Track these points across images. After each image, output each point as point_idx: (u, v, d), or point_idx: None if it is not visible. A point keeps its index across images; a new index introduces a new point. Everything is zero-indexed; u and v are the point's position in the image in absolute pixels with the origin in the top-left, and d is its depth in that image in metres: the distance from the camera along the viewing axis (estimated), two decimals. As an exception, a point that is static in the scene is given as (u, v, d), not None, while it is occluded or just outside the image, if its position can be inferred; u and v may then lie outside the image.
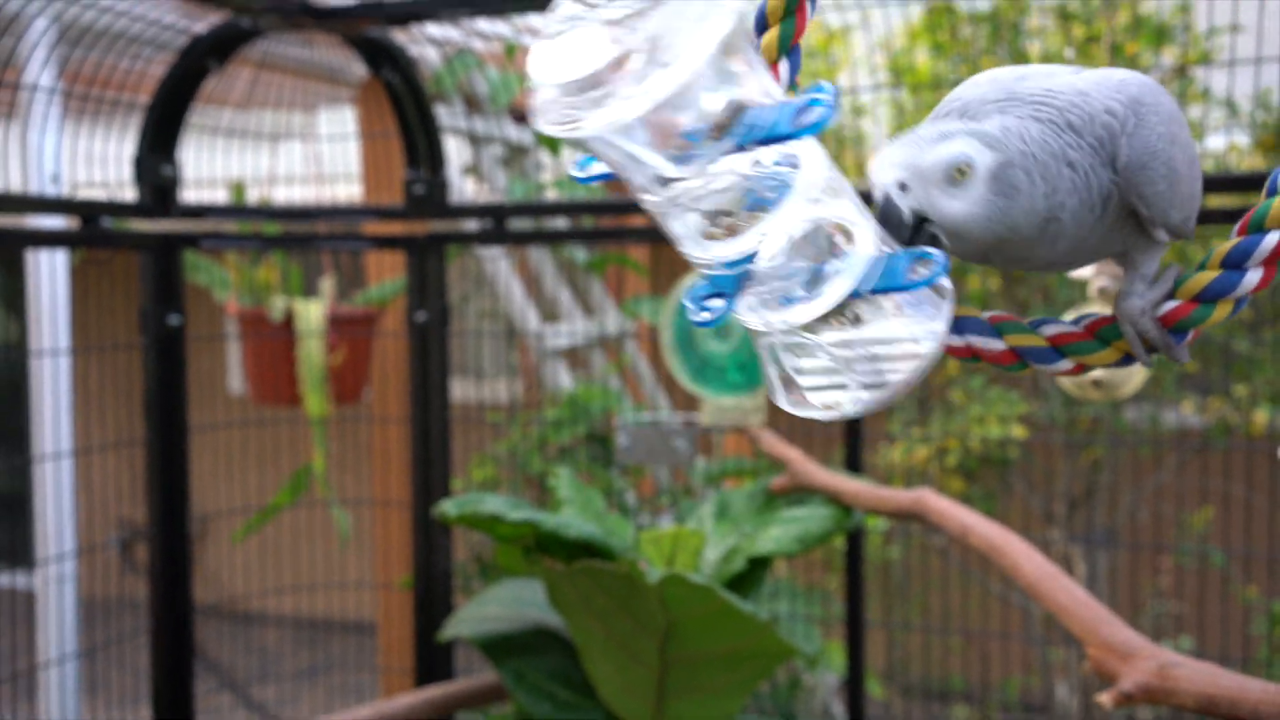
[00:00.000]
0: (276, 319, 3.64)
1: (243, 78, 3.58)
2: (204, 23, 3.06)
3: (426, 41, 3.63)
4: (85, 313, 3.68)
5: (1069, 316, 1.23)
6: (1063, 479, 4.75)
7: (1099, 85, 1.13)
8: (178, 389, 3.15)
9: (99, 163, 3.14)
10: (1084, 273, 2.56)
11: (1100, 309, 2.79)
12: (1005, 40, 3.94)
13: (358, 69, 3.68)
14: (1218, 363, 4.57)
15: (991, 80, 1.18)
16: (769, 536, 2.78)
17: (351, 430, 5.19)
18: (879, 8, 3.06)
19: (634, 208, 3.10)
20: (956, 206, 1.04)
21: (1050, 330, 1.19)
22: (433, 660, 3.52)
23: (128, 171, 3.11)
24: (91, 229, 2.97)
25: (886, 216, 1.03)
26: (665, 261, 4.81)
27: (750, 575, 2.76)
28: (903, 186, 1.03)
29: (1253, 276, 1.09)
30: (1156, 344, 1.14)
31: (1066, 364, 1.18)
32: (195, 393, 3.26)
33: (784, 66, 1.18)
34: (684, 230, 0.96)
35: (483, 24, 3.43)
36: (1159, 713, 5.05)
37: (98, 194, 3.14)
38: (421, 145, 3.46)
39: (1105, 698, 1.90)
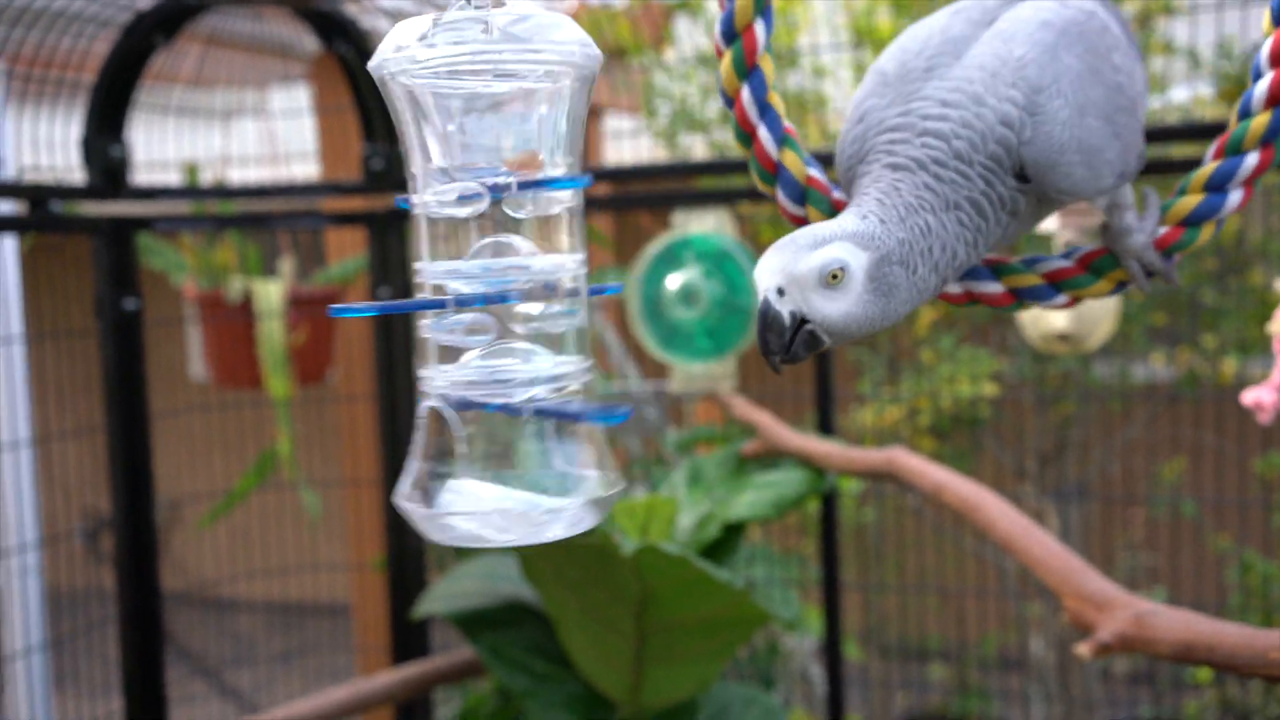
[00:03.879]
0: (235, 301, 3.57)
1: (192, 54, 3.50)
2: (148, -3, 2.98)
3: (379, 13, 3.56)
4: (38, 299, 3.60)
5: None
6: (1034, 435, 4.77)
7: (998, 75, 1.13)
8: (137, 375, 3.09)
9: (45, 146, 3.06)
10: (1048, 225, 2.54)
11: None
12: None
13: (310, 43, 3.60)
14: (1185, 314, 4.60)
15: (900, 74, 1.19)
16: (743, 502, 2.76)
17: (317, 411, 5.14)
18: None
19: (597, 175, 3.06)
20: (834, 308, 1.07)
21: (1045, 267, 1.22)
22: (409, 638, 3.49)
23: (75, 155, 3.03)
24: (40, 213, 2.89)
25: (766, 321, 1.07)
26: (629, 231, 4.77)
27: (725, 541, 2.75)
28: (780, 291, 1.06)
29: (1234, 197, 1.13)
30: (1158, 270, 1.17)
31: (1062, 299, 1.21)
32: (157, 379, 3.20)
33: (759, 27, 1.18)
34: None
35: (435, -8, 3.36)
36: (1135, 663, 5.10)
37: (45, 178, 3.06)
38: (378, 119, 3.39)
39: (1083, 648, 1.90)
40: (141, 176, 3.40)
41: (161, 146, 3.59)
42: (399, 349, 3.45)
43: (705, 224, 3.10)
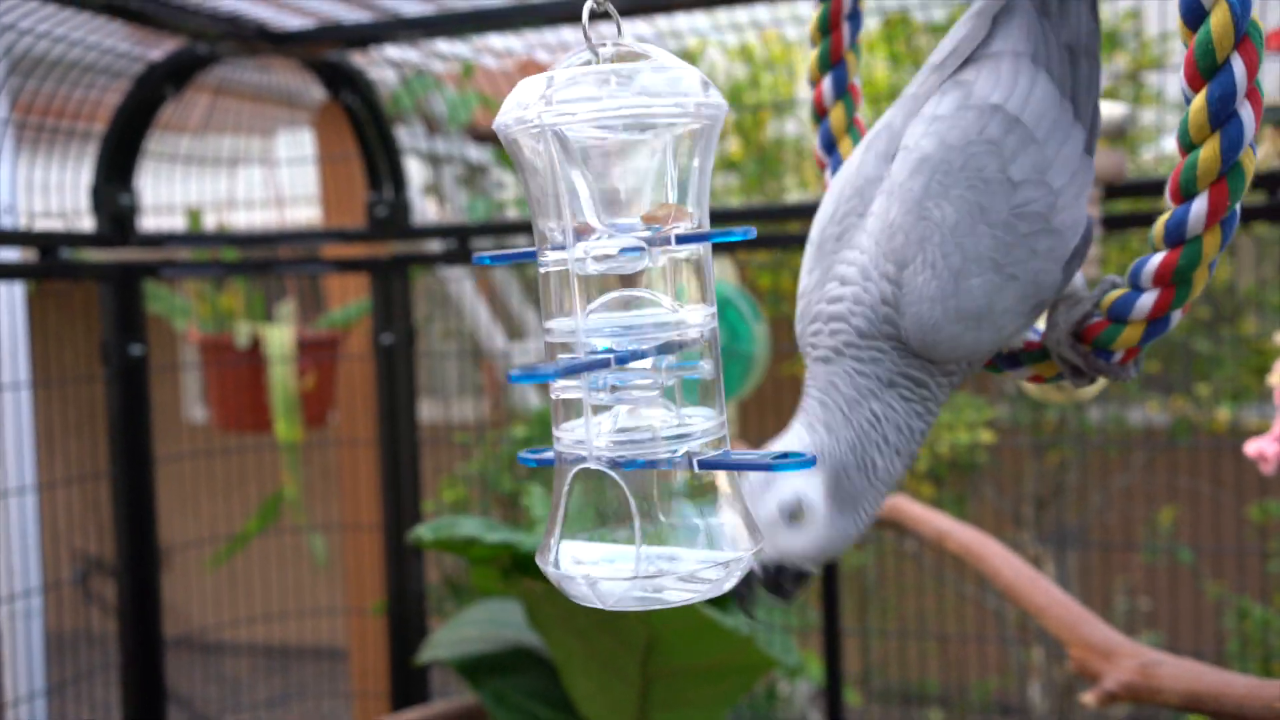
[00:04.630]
0: (242, 345, 3.60)
1: (200, 104, 3.54)
2: (160, 50, 3.03)
3: (385, 63, 3.61)
4: (44, 345, 3.62)
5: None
6: (1030, 481, 4.80)
7: (879, 243, 1.08)
8: (142, 420, 3.10)
9: (55, 192, 3.09)
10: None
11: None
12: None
13: (315, 92, 3.65)
14: (1180, 362, 4.64)
15: (819, 245, 1.16)
16: (746, 549, 2.77)
17: (318, 454, 5.14)
18: (838, 20, 3.08)
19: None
20: (801, 540, 1.05)
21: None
22: (409, 684, 3.48)
23: (84, 201, 3.06)
24: (49, 260, 2.92)
25: (740, 583, 0.99)
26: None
27: (729, 588, 2.76)
28: None
29: (1147, 299, 1.04)
30: (1083, 368, 1.10)
31: (1026, 371, 1.20)
32: (153, 422, 3.21)
33: (827, 82, 1.31)
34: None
35: (441, 45, 3.42)
36: (1133, 708, 5.10)
37: (54, 224, 3.09)
38: (383, 167, 3.44)
39: (1089, 697, 1.92)
40: (148, 221, 3.43)
41: (169, 191, 3.62)
42: (401, 393, 3.48)
43: (708, 272, 3.13)
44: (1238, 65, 0.92)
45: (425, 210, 4.47)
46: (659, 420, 0.90)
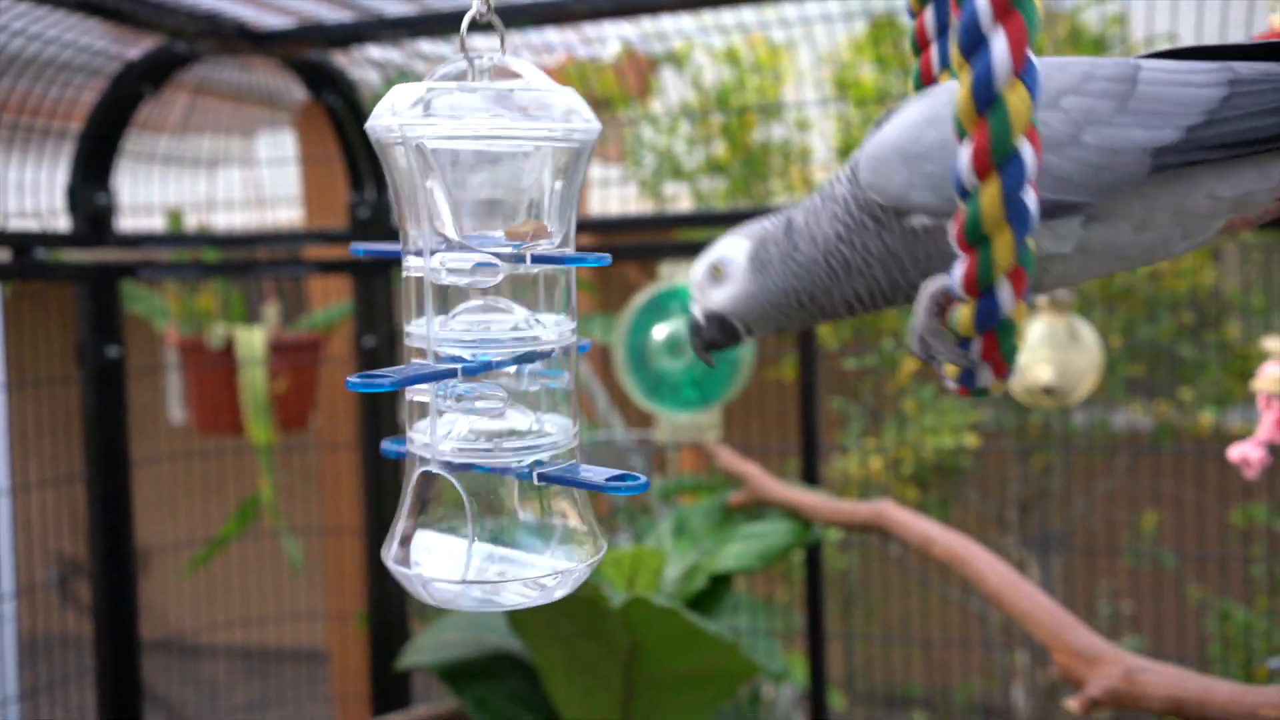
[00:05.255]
0: (217, 347, 3.56)
1: (179, 103, 3.50)
2: (137, 48, 2.99)
3: (367, 64, 3.58)
4: (20, 346, 3.57)
5: None
6: (1014, 485, 4.80)
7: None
8: (118, 422, 3.06)
9: (30, 192, 3.05)
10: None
11: (1051, 317, 2.81)
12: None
13: (296, 92, 3.62)
14: (1164, 366, 4.65)
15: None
16: (730, 553, 2.76)
17: (299, 458, 5.10)
18: (823, 23, 3.08)
19: (582, 226, 3.08)
20: (723, 293, 1.22)
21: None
22: (389, 688, 3.45)
23: (60, 200, 3.03)
24: (24, 261, 2.88)
25: (688, 325, 1.25)
26: (615, 279, 4.79)
27: (712, 593, 2.74)
28: (693, 300, 1.24)
29: (959, 266, 0.99)
30: (937, 351, 1.07)
31: (945, 374, 1.17)
32: (133, 424, 3.18)
33: (929, 14, 1.24)
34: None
35: (424, 45, 3.40)
36: (1114, 715, 5.10)
37: (29, 224, 3.05)
38: (364, 168, 3.41)
39: (1073, 703, 1.90)
40: (126, 222, 3.39)
41: (147, 191, 3.58)
42: (383, 397, 3.45)
43: (692, 275, 3.12)
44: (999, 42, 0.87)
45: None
46: (509, 429, 0.92)
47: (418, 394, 0.93)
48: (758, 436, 4.92)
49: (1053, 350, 2.70)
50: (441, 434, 0.92)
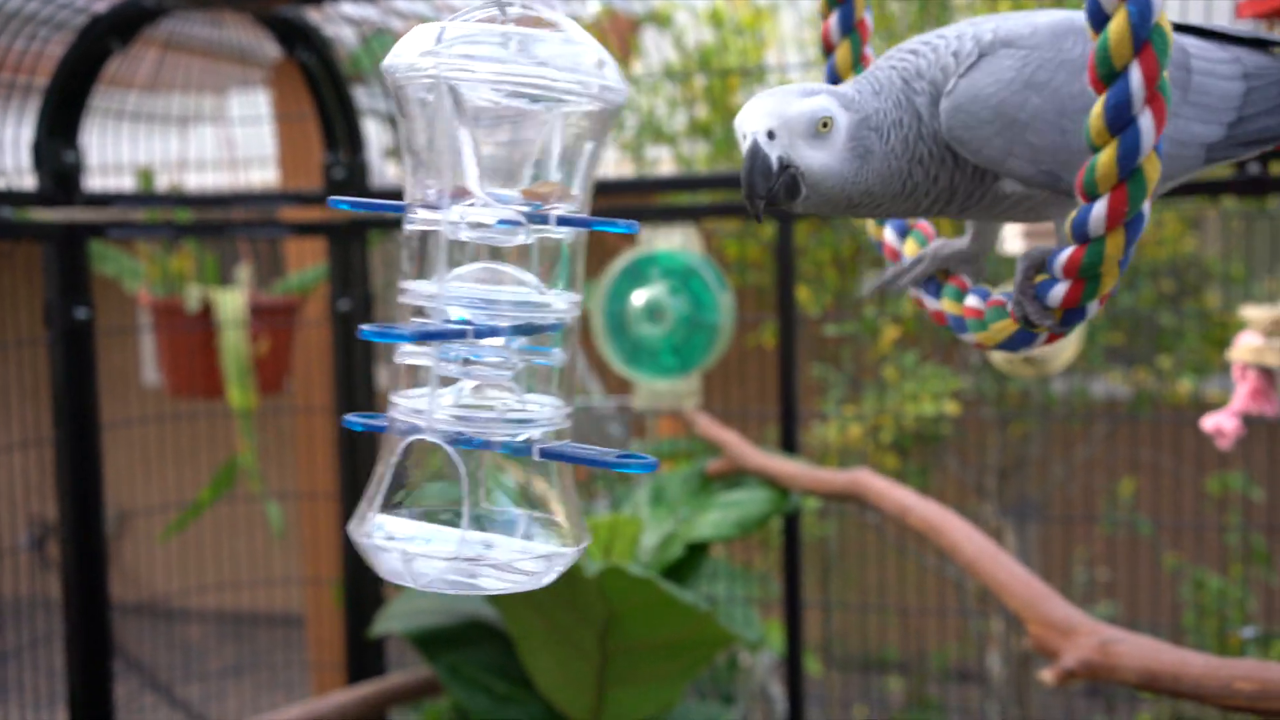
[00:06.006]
0: (193, 309, 3.50)
1: (148, 59, 3.43)
2: (105, 1, 2.92)
3: (342, 21, 3.51)
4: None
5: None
6: (993, 452, 4.80)
7: (1005, 23, 1.12)
8: (87, 384, 3.02)
9: (-4, 149, 2.98)
10: (1013, 247, 2.55)
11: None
12: (933, 16, 3.92)
13: (270, 49, 3.54)
14: (1142, 335, 4.65)
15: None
16: (707, 521, 2.74)
17: (273, 421, 5.06)
18: (806, -17, 3.03)
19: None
20: (819, 157, 1.08)
21: (971, 302, 1.21)
22: (364, 655, 3.44)
23: (26, 158, 2.96)
24: (-10, 219, 2.82)
25: (754, 162, 1.07)
26: (594, 245, 4.74)
27: (689, 561, 2.73)
28: (770, 134, 1.07)
29: (1059, 289, 1.05)
30: (1031, 315, 1.09)
31: (970, 336, 1.19)
32: (107, 386, 3.13)
33: (835, 18, 1.26)
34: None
35: (401, 3, 3.33)
36: (1091, 685, 5.14)
37: (-4, 182, 2.99)
38: (340, 128, 3.35)
39: (1047, 674, 1.90)
40: (95, 181, 3.32)
41: (116, 150, 3.51)
42: (359, 361, 3.41)
43: (672, 240, 3.08)
44: (1135, 74, 0.92)
45: (386, 173, 4.38)
46: (502, 402, 0.87)
47: (414, 357, 0.87)
48: (737, 403, 4.90)
49: (1033, 319, 2.68)
50: (434, 400, 0.86)
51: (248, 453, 3.54)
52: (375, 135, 4.07)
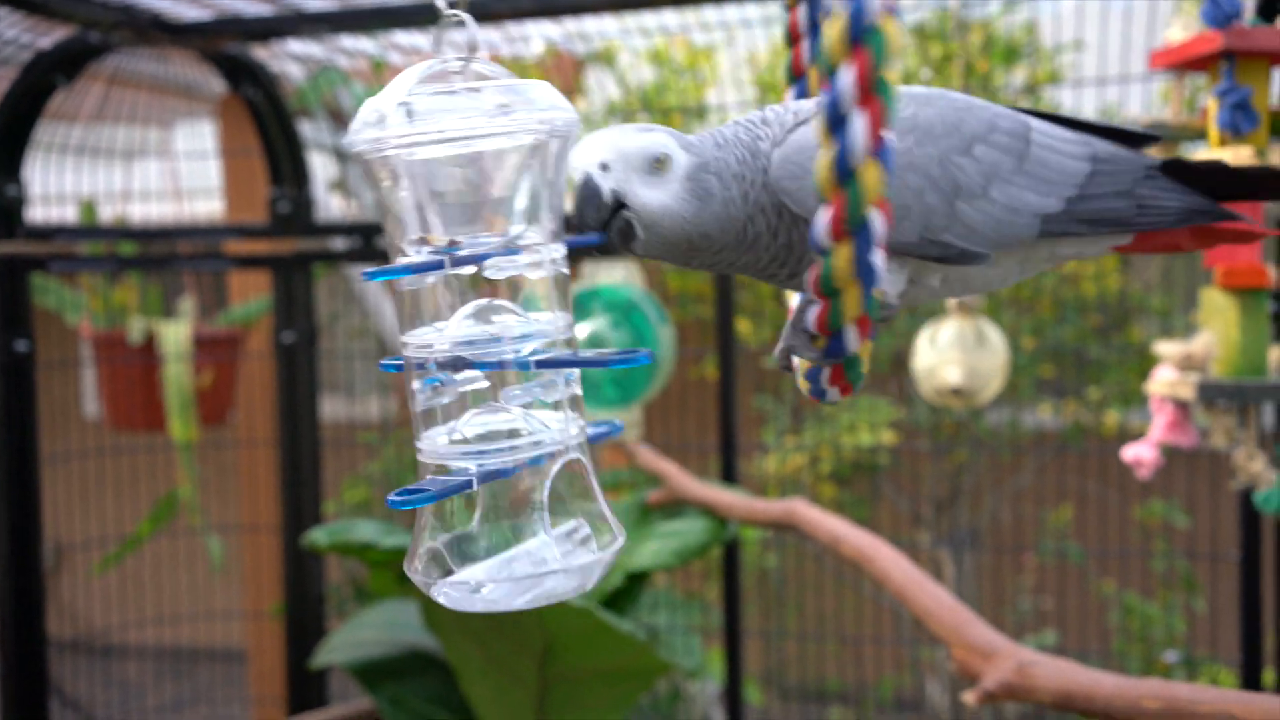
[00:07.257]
0: (136, 341, 3.51)
1: (94, 93, 3.44)
2: (50, 37, 2.94)
3: (288, 57, 3.55)
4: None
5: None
6: (930, 483, 4.90)
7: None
8: (27, 417, 3.01)
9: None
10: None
11: (960, 320, 2.88)
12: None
13: (215, 84, 3.58)
14: (1072, 367, 4.78)
15: None
16: (646, 551, 2.79)
17: (215, 454, 5.03)
18: (743, 28, 3.12)
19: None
20: (655, 195, 1.07)
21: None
22: (306, 688, 3.43)
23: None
24: (-71, 252, 2.82)
25: (586, 196, 1.05)
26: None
27: (628, 591, 2.77)
28: (604, 167, 1.05)
29: (813, 311, 1.01)
30: (796, 349, 1.09)
31: (804, 385, 1.18)
32: (47, 419, 3.12)
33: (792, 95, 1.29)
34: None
35: (347, 41, 3.38)
36: (1025, 709, 5.24)
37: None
38: (285, 162, 3.38)
39: (969, 696, 1.97)
40: (39, 213, 3.33)
41: (59, 183, 3.52)
42: (302, 393, 3.42)
43: (614, 275, 3.15)
44: (846, 74, 0.89)
45: (330, 206, 4.41)
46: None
47: (425, 402, 0.95)
48: (678, 435, 4.97)
49: (961, 353, 2.77)
50: (451, 437, 0.94)
51: (188, 485, 3.54)
52: (321, 169, 4.11)
